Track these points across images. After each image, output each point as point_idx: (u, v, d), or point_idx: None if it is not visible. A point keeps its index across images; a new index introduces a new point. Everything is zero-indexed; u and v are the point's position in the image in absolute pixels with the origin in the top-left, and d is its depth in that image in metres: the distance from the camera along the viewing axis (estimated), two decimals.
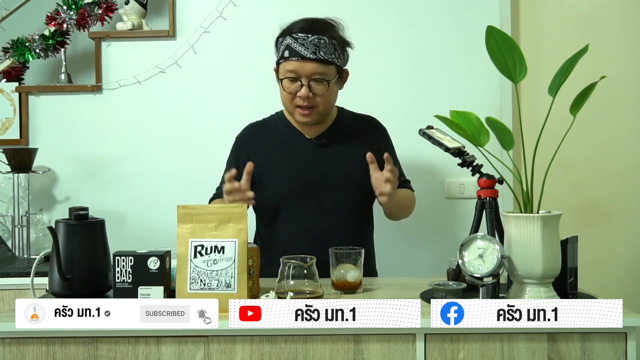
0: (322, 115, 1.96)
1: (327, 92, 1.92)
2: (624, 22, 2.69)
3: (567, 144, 1.54)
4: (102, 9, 2.63)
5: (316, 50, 1.88)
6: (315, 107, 1.92)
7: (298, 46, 1.88)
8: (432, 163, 2.62)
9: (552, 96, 1.45)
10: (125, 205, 2.68)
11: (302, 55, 1.88)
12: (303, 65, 1.88)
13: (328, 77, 1.91)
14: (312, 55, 1.88)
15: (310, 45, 1.88)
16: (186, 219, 1.48)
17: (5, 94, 2.70)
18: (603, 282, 2.59)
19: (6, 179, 2.66)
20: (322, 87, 1.91)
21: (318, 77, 1.89)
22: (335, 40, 1.92)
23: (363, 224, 2.05)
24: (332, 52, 1.91)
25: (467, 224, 1.72)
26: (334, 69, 1.93)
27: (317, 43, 1.88)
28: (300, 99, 1.91)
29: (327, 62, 1.90)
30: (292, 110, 1.96)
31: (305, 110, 1.92)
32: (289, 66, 1.90)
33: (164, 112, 2.70)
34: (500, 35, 1.42)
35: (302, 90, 1.89)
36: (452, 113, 1.57)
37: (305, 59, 1.88)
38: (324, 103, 1.93)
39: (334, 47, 1.91)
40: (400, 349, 1.41)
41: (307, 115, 1.93)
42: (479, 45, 1.49)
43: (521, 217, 1.44)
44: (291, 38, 1.90)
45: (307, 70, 1.88)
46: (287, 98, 1.94)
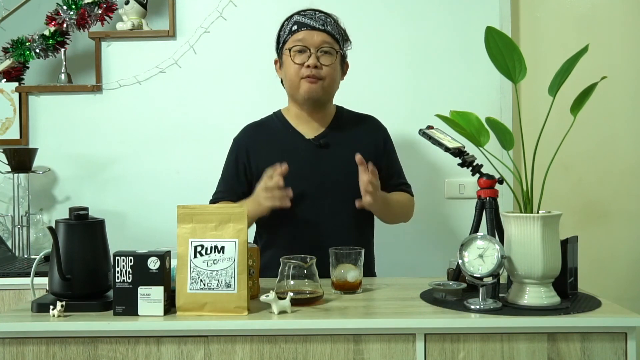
0: (326, 91, 1.98)
1: (333, 64, 1.95)
2: (624, 22, 2.69)
3: (567, 144, 1.54)
4: (102, 9, 2.63)
5: (324, 24, 1.95)
6: (321, 79, 1.94)
7: (307, 20, 1.94)
8: (432, 163, 2.62)
9: (552, 96, 1.45)
10: (125, 205, 2.68)
11: (312, 25, 1.94)
12: (312, 34, 1.93)
13: (335, 48, 1.96)
14: (320, 27, 1.94)
15: (318, 19, 1.95)
16: (186, 219, 1.48)
17: (5, 94, 2.70)
18: (603, 282, 2.59)
19: (6, 179, 2.66)
20: (330, 58, 1.95)
21: (326, 47, 1.94)
22: (339, 26, 2.00)
23: (363, 225, 2.05)
24: (337, 32, 1.98)
25: (467, 224, 1.72)
26: (338, 47, 1.98)
27: (325, 19, 1.96)
28: (308, 69, 1.92)
29: (334, 36, 1.96)
30: (298, 83, 1.96)
31: (312, 79, 1.94)
32: (298, 36, 1.95)
33: (164, 112, 2.70)
34: (499, 36, 1.42)
35: (310, 59, 1.92)
36: (452, 113, 1.57)
37: (314, 29, 1.94)
38: (330, 77, 1.96)
39: (338, 29, 1.99)
40: (400, 349, 1.41)
41: (314, 84, 1.94)
42: (479, 45, 1.48)
43: (521, 217, 1.44)
44: (299, 15, 1.98)
45: (316, 39, 1.93)
46: (294, 70, 1.95)
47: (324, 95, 1.97)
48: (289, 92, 2.02)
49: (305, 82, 1.94)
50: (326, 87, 1.96)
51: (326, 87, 1.96)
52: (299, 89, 1.96)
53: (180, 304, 1.44)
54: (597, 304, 1.51)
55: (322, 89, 1.95)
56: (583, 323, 1.40)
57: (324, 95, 1.98)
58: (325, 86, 1.95)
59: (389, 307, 1.55)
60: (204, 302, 1.44)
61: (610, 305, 1.51)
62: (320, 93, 1.96)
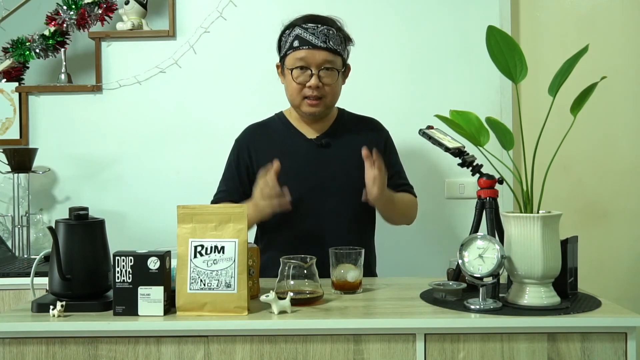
0: (329, 107, 1.97)
1: (335, 82, 1.93)
2: (624, 22, 2.69)
3: (567, 144, 1.54)
4: (102, 9, 2.63)
5: (326, 40, 1.90)
6: (323, 97, 1.93)
7: (308, 35, 1.90)
8: (432, 163, 2.62)
9: (552, 96, 1.45)
10: (125, 205, 2.68)
11: (313, 43, 1.90)
12: (314, 53, 1.90)
13: (337, 67, 1.93)
14: (322, 44, 1.90)
15: (320, 34, 1.90)
16: (186, 219, 1.47)
17: (5, 94, 2.70)
18: (603, 282, 2.58)
19: (6, 179, 2.66)
20: (332, 77, 1.92)
21: (328, 66, 1.91)
22: (341, 32, 1.96)
23: (364, 226, 2.05)
24: (339, 44, 1.94)
25: (467, 224, 1.72)
26: (340, 60, 1.95)
27: (326, 33, 1.91)
28: (310, 89, 1.91)
29: (336, 52, 1.93)
30: (299, 102, 1.96)
31: (313, 101, 1.93)
32: (299, 54, 1.91)
33: (164, 112, 2.70)
34: (500, 35, 1.42)
35: (312, 80, 1.90)
36: (452, 113, 1.57)
37: (316, 47, 1.90)
38: (332, 94, 1.95)
39: (340, 39, 1.95)
40: (400, 349, 1.41)
41: (315, 106, 1.94)
42: (479, 45, 1.49)
43: (521, 217, 1.44)
44: (300, 28, 1.92)
45: (317, 58, 1.90)
46: (295, 89, 1.94)
47: (326, 111, 1.98)
48: (291, 104, 2.02)
49: (307, 103, 1.94)
50: (328, 104, 1.96)
51: (328, 103, 1.96)
52: (300, 107, 1.97)
53: (180, 304, 1.44)
54: (597, 304, 1.51)
55: (324, 106, 1.96)
56: (583, 323, 1.40)
57: (326, 111, 1.99)
58: (327, 103, 1.96)
59: (389, 307, 1.55)
60: (204, 302, 1.44)
61: (610, 305, 1.51)
62: (322, 111, 1.97)
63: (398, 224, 2.11)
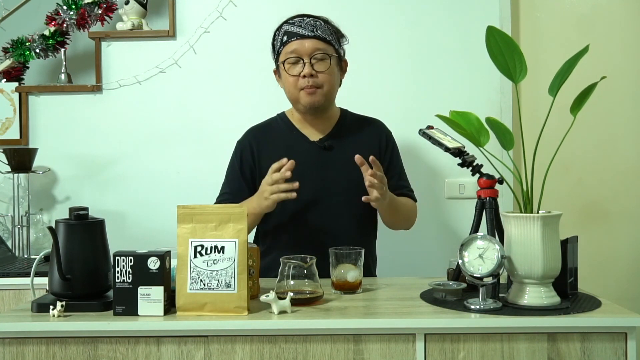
0: (327, 97, 1.97)
1: (329, 69, 1.94)
2: (624, 22, 2.69)
3: (567, 144, 1.54)
4: (102, 9, 2.63)
5: (314, 29, 1.93)
6: (319, 87, 1.93)
7: (296, 28, 1.93)
8: (432, 163, 2.62)
9: (552, 96, 1.45)
10: (125, 205, 2.68)
11: (301, 34, 1.93)
12: (303, 43, 1.92)
13: (329, 53, 1.94)
14: (310, 33, 1.93)
15: (307, 25, 1.94)
16: (186, 219, 1.48)
17: (5, 94, 2.70)
18: (603, 282, 2.59)
19: (6, 179, 2.66)
20: (324, 65, 1.93)
21: (319, 54, 1.92)
22: (330, 25, 1.98)
23: (366, 228, 2.05)
24: (329, 34, 1.96)
25: (467, 224, 1.72)
26: (332, 49, 1.96)
27: (313, 24, 1.95)
28: (305, 80, 1.92)
29: (326, 40, 1.94)
30: (297, 95, 1.96)
31: (310, 89, 1.93)
32: (289, 48, 1.93)
33: (164, 112, 2.70)
34: (500, 35, 1.42)
35: (305, 68, 1.92)
36: (452, 113, 1.57)
37: (304, 37, 1.93)
38: (328, 83, 1.95)
39: (329, 30, 1.97)
40: (400, 349, 1.41)
41: (313, 94, 1.94)
42: (479, 45, 1.49)
43: (521, 217, 1.44)
44: (288, 24, 1.97)
45: (307, 47, 1.92)
46: (291, 83, 1.95)
47: (325, 102, 1.97)
48: (291, 102, 2.02)
49: (304, 93, 1.94)
50: (326, 94, 1.96)
51: (326, 93, 1.96)
52: (299, 100, 1.97)
53: (180, 304, 1.44)
54: (597, 304, 1.51)
55: (322, 96, 1.95)
56: (583, 323, 1.41)
57: (325, 102, 1.98)
58: (324, 93, 1.95)
59: (389, 307, 1.55)
60: (204, 302, 1.44)
61: (610, 305, 1.51)
62: (321, 101, 1.96)
63: (398, 228, 2.10)
